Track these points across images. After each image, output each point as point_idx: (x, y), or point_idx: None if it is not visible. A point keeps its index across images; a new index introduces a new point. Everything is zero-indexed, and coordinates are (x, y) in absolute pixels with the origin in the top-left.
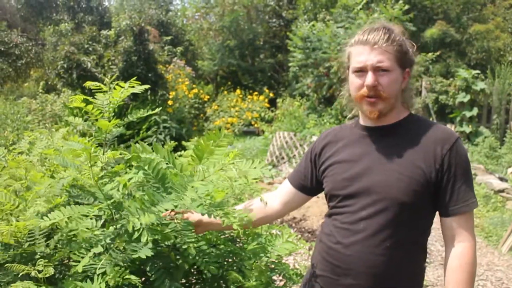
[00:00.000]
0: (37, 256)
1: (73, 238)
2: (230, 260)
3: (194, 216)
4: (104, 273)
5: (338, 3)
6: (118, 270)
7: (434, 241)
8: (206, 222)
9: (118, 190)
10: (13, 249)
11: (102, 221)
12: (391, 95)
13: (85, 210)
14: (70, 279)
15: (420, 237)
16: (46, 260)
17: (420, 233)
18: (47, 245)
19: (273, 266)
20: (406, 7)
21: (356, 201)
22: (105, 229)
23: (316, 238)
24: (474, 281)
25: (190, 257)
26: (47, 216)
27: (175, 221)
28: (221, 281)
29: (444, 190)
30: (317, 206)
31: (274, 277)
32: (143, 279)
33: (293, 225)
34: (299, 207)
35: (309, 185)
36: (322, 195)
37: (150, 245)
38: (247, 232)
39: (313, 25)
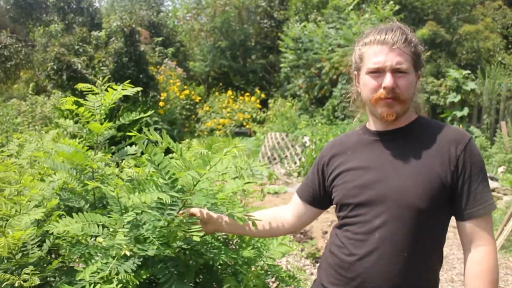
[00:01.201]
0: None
1: (73, 242)
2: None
3: (202, 213)
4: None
5: (329, 4)
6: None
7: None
8: (215, 220)
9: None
10: (6, 261)
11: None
12: (409, 98)
13: (98, 218)
14: (65, 285)
15: (437, 244)
16: (34, 269)
17: (438, 239)
18: (41, 250)
19: (266, 268)
20: (397, 7)
21: (369, 209)
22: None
23: (324, 250)
24: (498, 286)
25: (202, 249)
26: (53, 224)
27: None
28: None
29: (460, 193)
30: None
31: (267, 280)
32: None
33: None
34: (312, 220)
35: (318, 197)
36: None
37: (155, 246)
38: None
39: (305, 26)
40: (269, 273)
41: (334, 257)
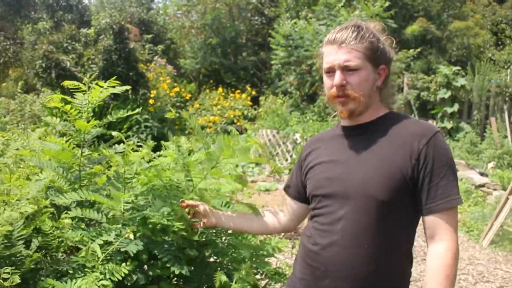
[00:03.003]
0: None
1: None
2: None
3: (203, 206)
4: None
5: (320, 1)
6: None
7: (417, 237)
8: (214, 214)
9: None
10: None
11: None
12: (362, 94)
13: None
14: (47, 278)
15: (403, 238)
16: (13, 268)
17: (402, 234)
18: (28, 248)
19: (254, 265)
20: (387, 4)
21: (334, 201)
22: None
23: (299, 242)
24: (455, 281)
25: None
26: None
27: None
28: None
29: (421, 187)
30: None
31: (257, 276)
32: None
33: None
34: (306, 216)
35: (303, 193)
36: None
37: (139, 241)
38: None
39: (295, 23)
40: (258, 270)
41: (303, 248)
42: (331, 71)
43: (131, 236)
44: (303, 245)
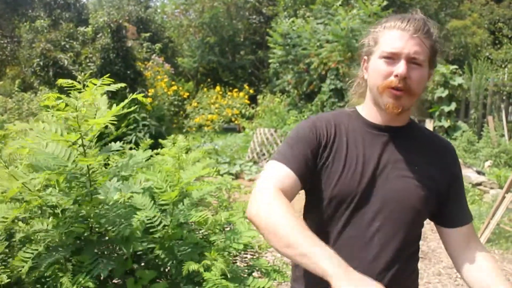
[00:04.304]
0: None
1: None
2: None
3: None
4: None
5: None
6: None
7: None
8: None
9: None
10: None
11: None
12: (418, 93)
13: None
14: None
15: (418, 244)
16: (3, 267)
17: (419, 236)
18: (8, 245)
19: (251, 263)
20: (385, 3)
21: (368, 209)
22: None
23: None
24: None
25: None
26: None
27: None
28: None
29: (453, 201)
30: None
31: (254, 274)
32: None
33: None
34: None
35: (305, 174)
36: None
37: None
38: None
39: (293, 22)
40: (254, 266)
41: None
42: (394, 57)
43: None
44: None
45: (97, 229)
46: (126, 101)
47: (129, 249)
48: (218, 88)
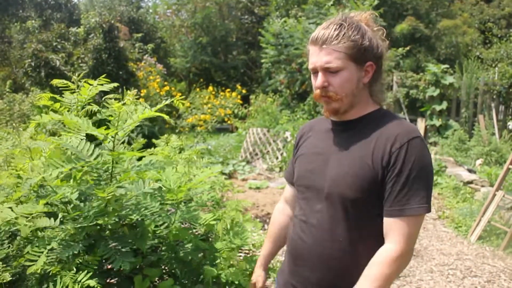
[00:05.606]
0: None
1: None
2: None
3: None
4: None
5: None
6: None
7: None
8: (265, 268)
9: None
10: None
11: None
12: (345, 95)
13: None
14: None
15: (375, 232)
16: (4, 265)
17: (375, 228)
18: (9, 247)
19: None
20: (376, 2)
21: (313, 194)
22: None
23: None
24: (389, 283)
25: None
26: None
27: None
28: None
29: (385, 190)
30: None
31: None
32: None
33: (267, 220)
34: None
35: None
36: None
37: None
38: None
39: (285, 22)
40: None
41: (289, 237)
42: (315, 71)
43: None
44: (288, 234)
45: (115, 219)
46: (160, 106)
47: (144, 245)
48: (210, 88)
